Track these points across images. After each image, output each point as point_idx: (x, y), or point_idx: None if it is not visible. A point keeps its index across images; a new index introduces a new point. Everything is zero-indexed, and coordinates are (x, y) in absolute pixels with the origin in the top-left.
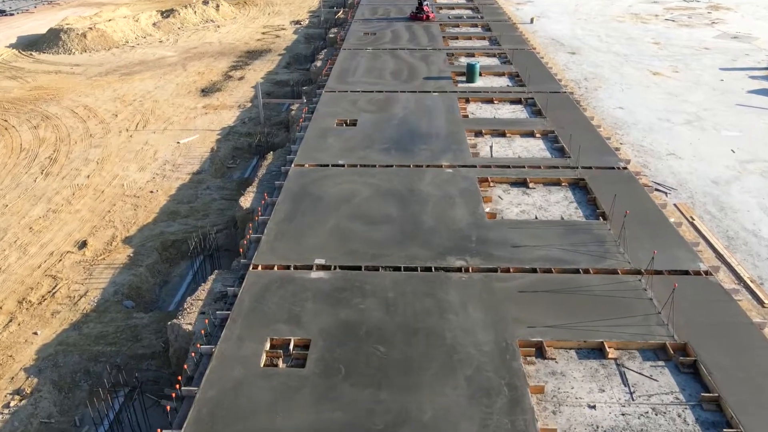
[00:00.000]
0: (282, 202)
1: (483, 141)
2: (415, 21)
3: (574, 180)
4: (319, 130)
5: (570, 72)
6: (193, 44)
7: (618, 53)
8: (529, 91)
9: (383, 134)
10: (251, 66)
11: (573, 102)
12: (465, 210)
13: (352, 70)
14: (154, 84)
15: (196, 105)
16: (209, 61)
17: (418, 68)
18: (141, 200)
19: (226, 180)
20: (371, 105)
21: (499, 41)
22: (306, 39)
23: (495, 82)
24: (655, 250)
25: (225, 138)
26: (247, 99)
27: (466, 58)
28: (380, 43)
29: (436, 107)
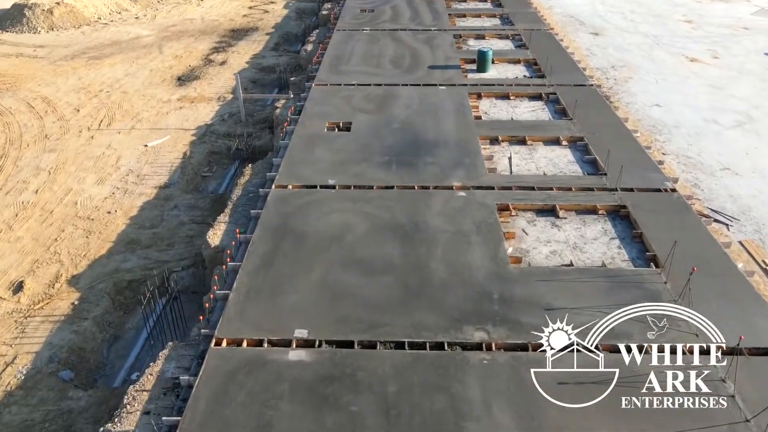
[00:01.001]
0: (258, 242)
1: (500, 150)
2: None
3: (613, 207)
4: (306, 136)
5: (594, 58)
6: (173, 21)
7: (647, 34)
8: (551, 84)
9: (382, 142)
10: (235, 48)
11: (602, 98)
12: (483, 252)
13: (346, 57)
14: (124, 70)
15: (171, 97)
16: (189, 42)
17: (421, 54)
18: (96, 224)
19: (198, 196)
20: (368, 102)
21: (512, 20)
22: (297, 14)
23: (510, 72)
24: (742, 335)
25: (200, 140)
26: (228, 89)
27: (475, 40)
28: (379, 22)
29: (444, 105)
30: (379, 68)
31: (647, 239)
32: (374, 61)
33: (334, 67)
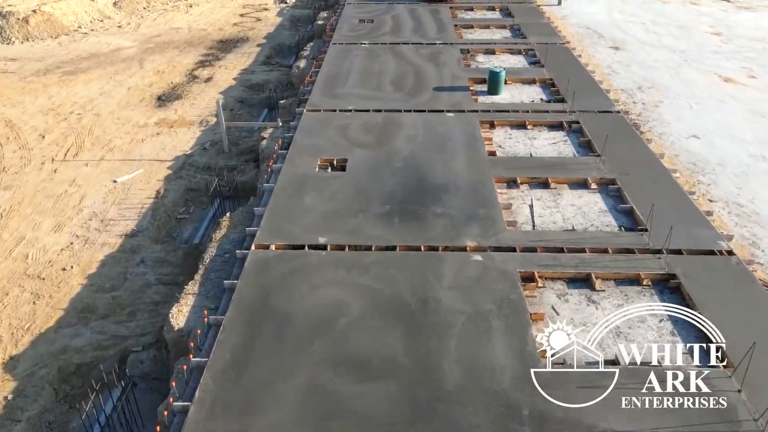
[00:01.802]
0: (230, 328)
1: (519, 196)
2: (430, 2)
3: (660, 276)
4: (294, 178)
5: (617, 77)
6: (158, 30)
7: (672, 48)
8: (572, 111)
9: (382, 186)
10: (223, 61)
11: (631, 128)
12: (507, 343)
13: (342, 76)
14: (100, 88)
15: (148, 120)
16: (173, 55)
17: (425, 72)
18: (47, 284)
19: (169, 247)
20: (366, 133)
21: (524, 32)
22: (292, 23)
23: (525, 94)
24: None
25: (177, 174)
26: (212, 110)
27: (485, 56)
28: (378, 34)
29: (453, 137)
30: (379, 90)
31: (708, 325)
32: (374, 81)
33: (328, 88)
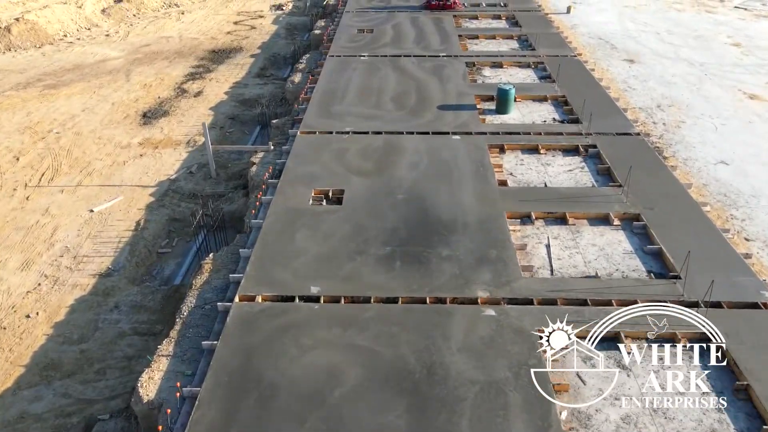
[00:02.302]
0: (206, 404)
1: (534, 233)
2: (432, 10)
3: (696, 336)
4: (285, 212)
5: (634, 94)
6: (147, 40)
7: (691, 61)
8: (588, 133)
9: (382, 223)
10: (214, 73)
11: (653, 153)
12: (526, 421)
13: (339, 92)
14: (83, 103)
15: (131, 140)
16: (161, 66)
17: (429, 88)
18: (8, 335)
19: (147, 289)
20: (365, 159)
21: (533, 43)
22: (288, 31)
23: (536, 113)
24: None
25: (159, 201)
26: (201, 129)
27: (491, 70)
28: (378, 45)
29: (459, 164)
30: (379, 108)
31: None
32: (373, 98)
33: (324, 106)
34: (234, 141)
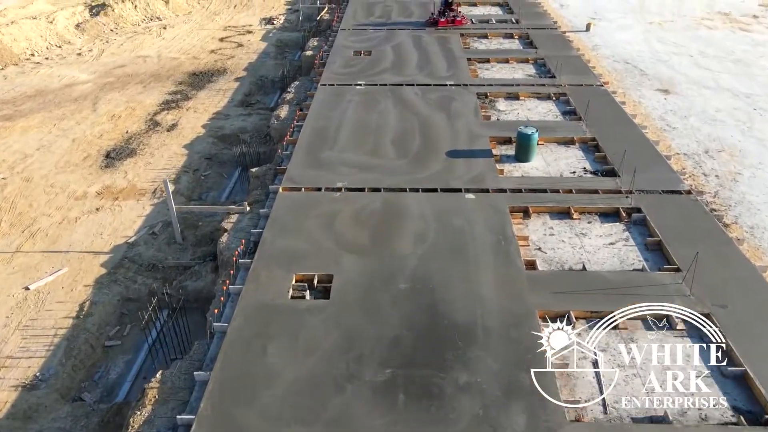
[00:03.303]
0: None
1: (578, 347)
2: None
3: None
4: (257, 311)
5: (675, 135)
6: (122, 60)
7: (735, 91)
8: (629, 191)
9: (381, 327)
10: (192, 101)
11: (713, 221)
12: None
13: (331, 133)
14: (39, 139)
15: (88, 189)
16: (134, 92)
17: (435, 127)
18: None
19: (80, 410)
20: (360, 228)
21: (551, 67)
22: (278, 49)
23: (562, 160)
24: None
25: (112, 275)
26: (173, 171)
27: (507, 102)
28: (377, 71)
29: (475, 236)
30: (377, 154)
31: None
32: (370, 141)
33: (312, 152)
34: (210, 186)
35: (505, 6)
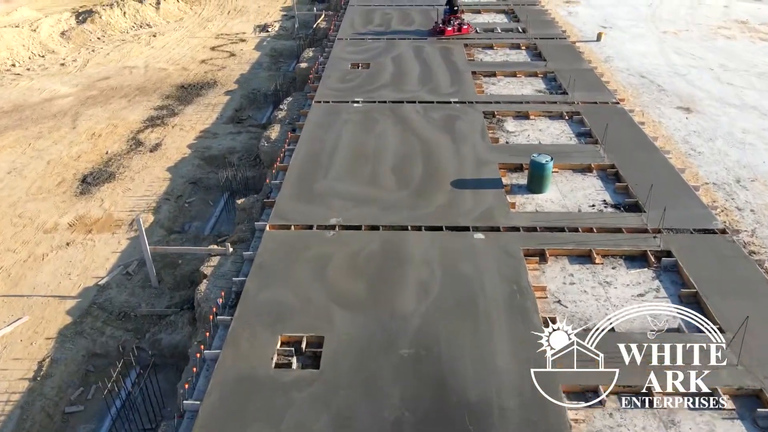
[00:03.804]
0: None
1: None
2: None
3: None
4: (234, 386)
5: (701, 161)
6: (107, 71)
7: (763, 110)
8: (657, 230)
9: (379, 408)
10: (179, 117)
11: (753, 266)
12: None
13: (325, 158)
14: (12, 161)
15: (60, 219)
16: (118, 107)
17: (439, 152)
18: None
19: None
20: (355, 276)
21: (562, 83)
22: (272, 59)
23: (580, 191)
24: None
25: (77, 325)
26: (153, 199)
27: (516, 121)
28: (376, 86)
29: (485, 287)
30: (376, 184)
31: None
32: (368, 169)
33: (304, 181)
34: (194, 215)
35: (510, 14)
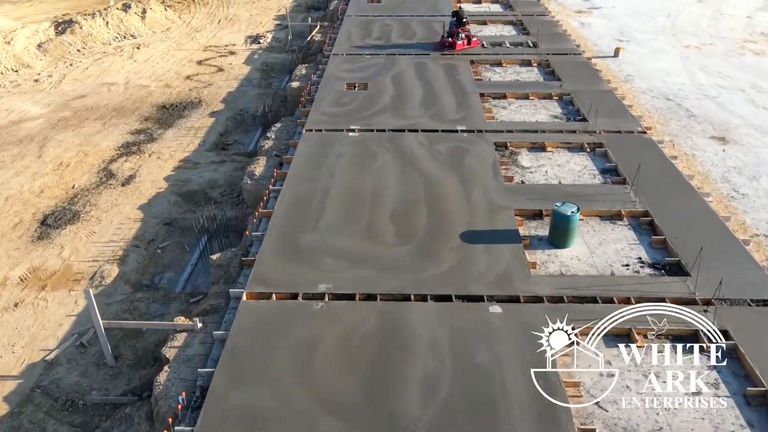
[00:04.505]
0: None
1: None
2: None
3: None
4: None
5: (746, 205)
6: (84, 88)
7: None
8: (707, 302)
9: None
10: (158, 143)
11: None
12: None
13: (315, 204)
14: None
15: (10, 272)
16: (91, 131)
17: (446, 194)
18: None
19: None
20: (346, 368)
21: (580, 106)
22: (262, 74)
23: (611, 244)
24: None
25: (14, 420)
26: (120, 245)
27: (531, 154)
28: (374, 111)
29: (506, 384)
30: (373, 239)
31: None
32: (364, 216)
33: (290, 233)
34: (167, 264)
35: (519, 25)
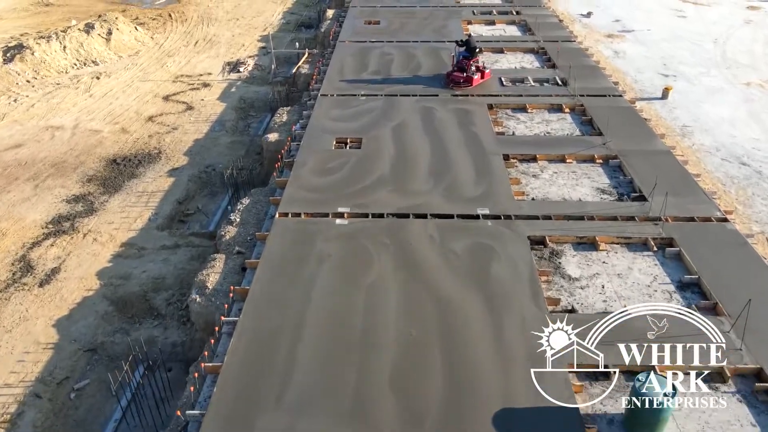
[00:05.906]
0: None
1: None
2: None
3: None
4: None
5: None
6: (23, 133)
7: None
8: None
9: None
10: (96, 218)
11: None
12: None
13: (280, 353)
14: None
15: None
16: (18, 198)
17: (470, 338)
18: None
19: None
20: None
21: (633, 176)
22: (239, 114)
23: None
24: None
25: None
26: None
27: (578, 255)
28: (368, 182)
29: None
30: (364, 419)
31: None
32: (349, 380)
33: (242, 412)
34: (80, 420)
35: (541, 54)
